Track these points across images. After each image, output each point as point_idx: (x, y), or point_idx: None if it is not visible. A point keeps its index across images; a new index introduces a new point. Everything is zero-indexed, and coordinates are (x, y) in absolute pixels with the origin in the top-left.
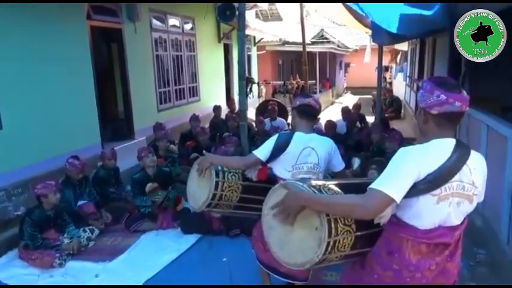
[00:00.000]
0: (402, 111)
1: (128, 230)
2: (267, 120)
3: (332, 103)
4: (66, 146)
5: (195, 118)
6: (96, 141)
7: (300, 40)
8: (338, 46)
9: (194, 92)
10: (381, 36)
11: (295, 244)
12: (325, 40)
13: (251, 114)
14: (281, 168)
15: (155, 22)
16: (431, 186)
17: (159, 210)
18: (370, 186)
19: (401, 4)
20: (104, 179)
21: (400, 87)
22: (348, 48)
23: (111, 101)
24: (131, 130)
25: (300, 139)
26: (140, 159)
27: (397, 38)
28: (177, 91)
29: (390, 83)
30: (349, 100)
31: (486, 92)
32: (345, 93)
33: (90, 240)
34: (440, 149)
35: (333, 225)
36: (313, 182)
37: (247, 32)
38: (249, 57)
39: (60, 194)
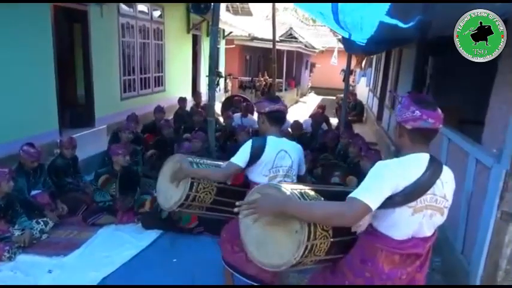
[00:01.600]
0: (364, 115)
1: (85, 223)
2: (236, 115)
3: (296, 102)
4: (21, 131)
5: (159, 110)
6: (53, 127)
7: (268, 36)
8: (305, 46)
9: (160, 81)
10: (352, 47)
11: (273, 245)
12: (293, 39)
13: (217, 108)
14: (257, 173)
15: (123, 7)
16: (408, 198)
17: (120, 205)
18: (349, 196)
19: (384, 13)
20: (61, 168)
21: (363, 91)
22: (314, 48)
23: (71, 85)
24: (92, 117)
25: (274, 143)
26: (115, 155)
27: (366, 50)
28: (142, 80)
29: (354, 86)
30: (313, 100)
31: (447, 102)
32: (309, 92)
33: (44, 233)
34: (416, 164)
35: (312, 229)
36: (295, 187)
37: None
38: (218, 50)
39: (13, 183)
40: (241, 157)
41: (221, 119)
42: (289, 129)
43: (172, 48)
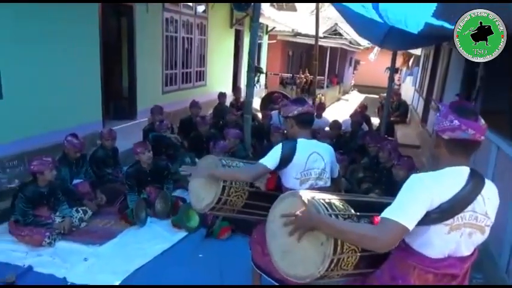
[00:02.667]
0: (408, 116)
1: (122, 216)
2: (274, 112)
3: (338, 99)
4: (66, 121)
5: (195, 104)
6: (97, 118)
7: (312, 32)
8: (350, 42)
9: (201, 76)
10: (392, 41)
11: (298, 256)
12: (337, 35)
13: (256, 104)
14: (288, 176)
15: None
16: (444, 215)
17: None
18: (383, 216)
19: (430, 14)
20: (101, 159)
21: (408, 91)
22: (359, 45)
23: (116, 77)
24: (134, 110)
25: (305, 145)
26: (136, 154)
27: (409, 43)
28: (184, 74)
29: (399, 85)
30: (355, 98)
31: (499, 107)
32: (352, 90)
33: (82, 221)
34: (455, 178)
35: (339, 243)
36: (326, 199)
37: (261, 20)
38: (260, 45)
39: (56, 172)
40: (270, 159)
41: (259, 115)
42: (327, 128)
43: (215, 43)
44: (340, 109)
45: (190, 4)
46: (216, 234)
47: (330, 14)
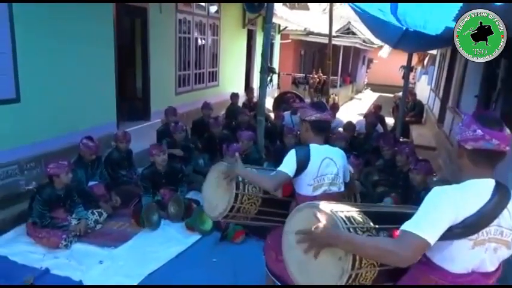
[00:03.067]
0: (424, 116)
1: (135, 218)
2: (286, 113)
3: (351, 99)
4: (81, 122)
5: (206, 106)
6: (111, 120)
7: (324, 31)
8: (364, 41)
9: (214, 76)
10: (407, 43)
11: (315, 269)
12: (350, 34)
13: (268, 104)
14: (302, 183)
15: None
16: (468, 231)
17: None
18: (403, 229)
19: (451, 18)
20: (116, 161)
21: (423, 90)
22: (373, 43)
23: (130, 78)
24: (147, 111)
25: (318, 150)
26: (151, 156)
27: (425, 45)
28: (197, 75)
29: (413, 83)
30: (369, 97)
31: None
32: (365, 89)
33: (98, 223)
34: (479, 191)
35: (357, 257)
36: (345, 211)
37: (273, 19)
38: (272, 45)
39: (72, 174)
40: (288, 166)
41: (272, 115)
42: (340, 129)
43: (228, 43)
44: (353, 108)
45: (203, 4)
46: (230, 238)
47: (342, 12)
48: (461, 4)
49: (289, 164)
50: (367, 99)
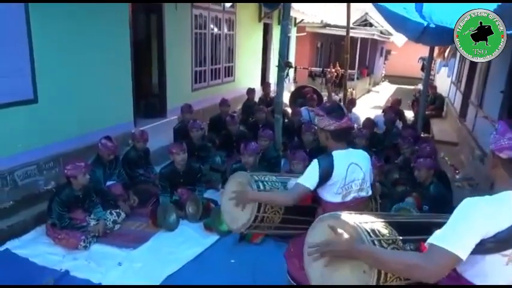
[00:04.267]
0: (444, 109)
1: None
2: (304, 109)
3: (368, 91)
4: (99, 122)
5: (224, 102)
6: (129, 119)
7: (341, 23)
8: (381, 32)
9: (230, 72)
10: (429, 37)
11: (338, 282)
12: (368, 25)
13: (285, 98)
14: (329, 191)
15: None
16: (501, 246)
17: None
18: (432, 242)
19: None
20: (133, 160)
21: (443, 83)
22: (391, 34)
23: (146, 75)
24: (164, 108)
25: (342, 158)
26: (171, 154)
27: (448, 40)
28: (213, 71)
29: (433, 77)
30: (387, 89)
31: None
32: (383, 81)
33: (116, 223)
34: None
35: (382, 272)
36: (369, 223)
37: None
38: (288, 39)
39: (89, 175)
40: (309, 179)
41: (289, 110)
42: (356, 125)
43: (243, 38)
44: (371, 101)
45: None
46: (248, 238)
47: (358, 4)
48: (498, 4)
49: (310, 176)
50: (385, 92)
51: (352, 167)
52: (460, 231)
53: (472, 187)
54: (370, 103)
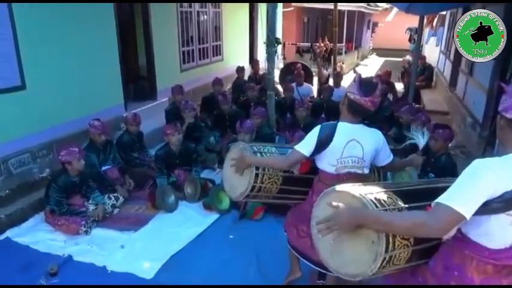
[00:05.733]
0: (434, 79)
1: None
2: (293, 85)
3: (357, 65)
4: (89, 107)
5: (218, 82)
6: (119, 101)
7: None
8: (368, 4)
9: (217, 51)
10: (419, 6)
11: (348, 254)
12: None
13: (275, 75)
14: (324, 161)
15: None
16: (508, 206)
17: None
18: (437, 201)
19: None
20: (127, 143)
21: (432, 52)
22: (377, 6)
23: (133, 58)
24: (154, 90)
25: (345, 131)
26: (166, 136)
27: (437, 7)
28: (201, 50)
29: (421, 47)
30: (375, 62)
31: None
32: (371, 54)
33: (115, 207)
34: None
35: (390, 240)
36: (374, 193)
37: None
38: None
39: (84, 160)
40: (306, 145)
41: (279, 88)
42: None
43: (230, 15)
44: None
45: None
46: (249, 215)
47: None
48: None
49: (307, 143)
50: (373, 65)
51: (353, 144)
52: (466, 190)
53: (465, 154)
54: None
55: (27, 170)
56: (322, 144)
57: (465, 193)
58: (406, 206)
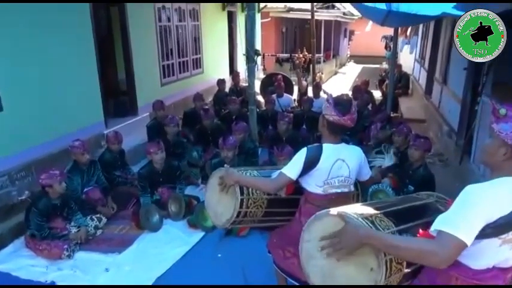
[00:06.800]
0: (410, 87)
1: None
2: (273, 96)
3: (335, 73)
4: (69, 125)
5: (198, 97)
6: (99, 119)
7: (304, 6)
8: (344, 14)
9: (197, 64)
10: (393, 20)
11: (342, 280)
12: (330, 7)
13: (256, 87)
14: (311, 183)
15: None
16: (500, 231)
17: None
18: (440, 229)
19: (451, 6)
20: (109, 162)
21: (406, 60)
22: (353, 15)
23: (112, 73)
24: (134, 106)
25: (330, 152)
26: (149, 154)
27: (411, 21)
28: (181, 63)
29: (396, 56)
30: (353, 70)
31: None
32: (348, 62)
33: (98, 229)
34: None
35: (388, 266)
36: (364, 212)
37: None
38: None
39: (65, 183)
40: (293, 168)
41: (260, 99)
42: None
43: (209, 28)
44: (338, 84)
45: None
46: (235, 231)
47: None
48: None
49: (294, 166)
50: (351, 73)
51: (339, 163)
52: (467, 218)
53: (443, 162)
54: (338, 85)
55: (5, 193)
56: (309, 166)
57: (466, 221)
58: (399, 228)
